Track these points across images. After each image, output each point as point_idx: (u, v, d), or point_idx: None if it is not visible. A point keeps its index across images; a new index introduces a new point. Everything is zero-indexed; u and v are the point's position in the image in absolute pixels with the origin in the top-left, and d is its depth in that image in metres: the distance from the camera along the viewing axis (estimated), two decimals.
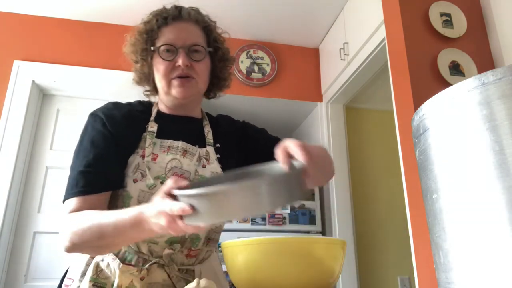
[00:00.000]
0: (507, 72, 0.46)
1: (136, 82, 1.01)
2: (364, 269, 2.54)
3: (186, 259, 0.88)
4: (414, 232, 1.47)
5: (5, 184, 2.22)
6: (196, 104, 1.02)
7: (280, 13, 2.58)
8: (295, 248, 0.66)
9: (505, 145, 0.45)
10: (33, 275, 2.24)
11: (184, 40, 0.92)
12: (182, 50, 0.91)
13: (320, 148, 0.82)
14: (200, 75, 0.94)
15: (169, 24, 0.94)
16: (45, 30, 2.56)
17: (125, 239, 0.73)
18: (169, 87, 0.92)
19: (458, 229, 0.50)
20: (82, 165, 0.83)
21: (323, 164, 0.80)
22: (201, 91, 0.99)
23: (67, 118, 2.56)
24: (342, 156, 2.69)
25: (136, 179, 0.84)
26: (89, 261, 0.84)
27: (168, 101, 0.97)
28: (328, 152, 0.88)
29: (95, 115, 0.90)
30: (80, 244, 0.75)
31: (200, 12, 1.00)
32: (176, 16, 0.94)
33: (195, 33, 0.95)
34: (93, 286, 0.80)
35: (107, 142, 0.85)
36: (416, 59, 1.56)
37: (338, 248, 0.71)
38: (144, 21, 0.96)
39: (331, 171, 0.90)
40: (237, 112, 2.99)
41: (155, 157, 0.87)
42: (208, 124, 1.02)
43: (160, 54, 0.92)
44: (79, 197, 0.80)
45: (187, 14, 0.95)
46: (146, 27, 0.94)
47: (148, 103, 1.01)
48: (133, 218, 0.68)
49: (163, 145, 0.89)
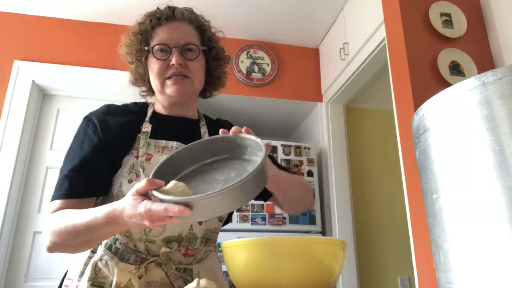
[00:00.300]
0: (507, 72, 0.46)
1: (132, 83, 1.02)
2: (364, 269, 2.54)
3: (184, 258, 0.88)
4: (414, 232, 1.47)
5: (5, 184, 2.22)
6: (192, 103, 1.02)
7: (280, 13, 2.58)
8: (295, 248, 0.66)
9: (505, 145, 0.45)
10: (33, 275, 2.24)
11: (178, 39, 0.93)
12: (176, 49, 0.92)
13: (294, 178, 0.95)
14: (195, 73, 0.95)
15: (163, 24, 0.94)
16: (45, 30, 2.56)
17: (101, 235, 0.75)
18: (163, 86, 0.93)
19: (458, 229, 0.50)
20: (68, 168, 0.85)
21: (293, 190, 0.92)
22: (197, 89, 0.99)
23: (67, 118, 2.56)
24: (342, 156, 2.69)
25: (131, 179, 0.85)
26: (87, 261, 0.84)
27: (164, 101, 0.98)
28: (305, 183, 1.00)
29: (88, 120, 0.92)
30: (58, 243, 0.77)
31: (194, 11, 1.00)
32: (169, 16, 0.95)
33: (188, 32, 0.96)
34: (91, 285, 0.80)
35: (96, 148, 0.87)
36: (416, 59, 1.56)
37: (338, 248, 0.71)
38: (138, 22, 0.97)
39: (306, 200, 0.99)
40: (237, 112, 3.00)
41: (150, 157, 0.88)
42: (205, 125, 1.02)
43: (154, 54, 0.92)
44: (62, 200, 0.82)
45: (181, 14, 0.96)
46: (140, 28, 0.95)
47: (144, 104, 1.02)
48: (106, 215, 0.69)
49: (158, 146, 0.90)
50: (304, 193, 0.98)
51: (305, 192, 0.98)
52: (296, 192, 0.95)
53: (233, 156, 0.76)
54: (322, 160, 2.76)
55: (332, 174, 2.63)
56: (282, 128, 3.39)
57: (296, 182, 0.96)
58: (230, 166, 0.74)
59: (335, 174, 2.63)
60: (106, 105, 0.97)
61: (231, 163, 0.75)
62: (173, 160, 0.74)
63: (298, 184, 0.96)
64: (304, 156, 2.66)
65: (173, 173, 0.73)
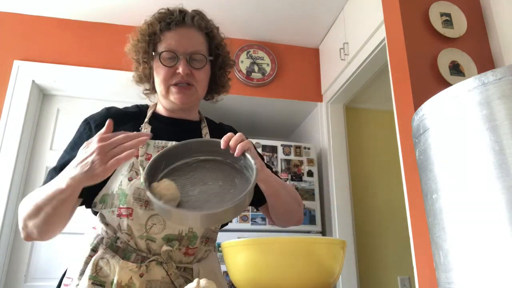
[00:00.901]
0: (507, 72, 0.46)
1: (136, 82, 1.03)
2: (364, 269, 2.54)
3: (184, 257, 0.88)
4: (414, 232, 1.47)
5: (5, 184, 2.22)
6: (194, 108, 1.03)
7: (280, 13, 2.58)
8: (295, 248, 0.66)
9: (505, 145, 0.45)
10: (33, 275, 2.24)
11: (186, 47, 0.93)
12: (183, 58, 0.92)
13: (286, 184, 0.98)
14: (200, 82, 0.96)
15: (172, 29, 0.95)
16: (45, 30, 2.56)
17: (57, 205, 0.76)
18: (168, 92, 0.95)
19: (458, 229, 0.50)
20: (56, 166, 0.88)
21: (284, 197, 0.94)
22: (200, 97, 1.01)
23: (67, 118, 2.56)
24: (342, 156, 2.69)
25: (131, 178, 0.86)
26: (87, 260, 0.84)
27: (166, 104, 1.00)
28: (297, 195, 1.02)
29: (86, 123, 0.94)
30: (27, 225, 0.80)
31: (205, 17, 1.01)
32: (179, 22, 0.95)
33: (197, 40, 0.96)
34: (92, 284, 0.80)
35: None
36: (416, 59, 1.56)
37: (338, 248, 0.71)
38: (148, 23, 0.97)
39: (296, 213, 1.00)
40: (237, 112, 3.00)
41: (149, 157, 0.88)
42: (206, 127, 1.03)
43: (161, 60, 0.93)
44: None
45: (191, 19, 0.96)
46: (149, 29, 0.95)
47: (145, 106, 1.03)
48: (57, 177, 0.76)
49: (157, 146, 0.90)
50: (294, 205, 0.98)
51: (295, 205, 0.99)
52: (287, 200, 0.96)
53: (225, 160, 0.80)
54: (322, 160, 2.76)
55: (332, 174, 2.63)
56: (282, 128, 3.39)
57: (288, 190, 0.97)
58: (220, 171, 0.78)
59: (335, 174, 2.63)
60: (106, 108, 0.98)
61: (222, 167, 0.79)
62: (171, 152, 0.78)
63: (289, 193, 0.97)
64: (304, 156, 2.66)
65: (167, 163, 0.78)
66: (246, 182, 0.75)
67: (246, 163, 0.76)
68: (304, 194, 2.55)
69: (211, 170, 0.78)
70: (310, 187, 2.58)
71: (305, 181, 2.59)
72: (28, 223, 0.80)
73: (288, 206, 0.96)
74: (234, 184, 0.74)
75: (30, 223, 0.80)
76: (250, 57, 2.80)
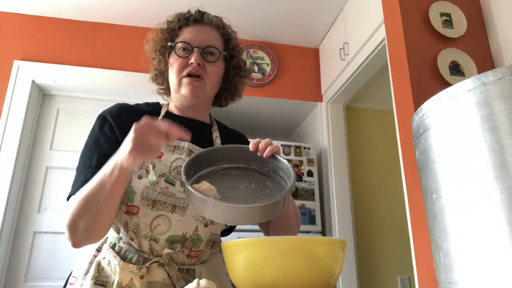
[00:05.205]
0: (507, 72, 0.46)
1: (152, 80, 1.05)
2: (364, 269, 2.54)
3: (187, 259, 0.88)
4: (414, 232, 1.47)
5: (5, 184, 2.22)
6: (204, 107, 1.04)
7: (280, 13, 2.58)
8: (295, 248, 0.66)
9: (505, 145, 0.45)
10: (33, 275, 2.24)
11: (201, 40, 0.96)
12: (197, 50, 0.94)
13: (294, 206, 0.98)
14: (210, 76, 0.96)
15: (190, 25, 0.98)
16: (45, 30, 2.56)
17: (107, 195, 0.75)
18: (180, 85, 0.95)
19: (458, 229, 0.50)
20: (84, 166, 0.86)
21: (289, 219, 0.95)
22: (209, 93, 1.00)
23: (67, 118, 2.56)
24: (342, 156, 2.69)
25: (141, 175, 0.85)
26: (92, 260, 0.85)
27: (178, 101, 1.00)
28: (299, 215, 1.03)
29: (103, 118, 0.93)
30: (77, 228, 0.78)
31: (223, 20, 1.04)
32: (197, 19, 0.99)
33: (212, 36, 0.98)
34: (94, 284, 0.81)
35: (114, 145, 0.86)
36: (416, 59, 1.56)
37: (338, 248, 0.71)
38: (168, 21, 1.00)
39: (294, 232, 1.00)
40: (237, 112, 3.00)
41: (160, 155, 0.88)
42: (217, 130, 1.04)
43: (175, 51, 0.95)
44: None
45: (209, 19, 1.00)
46: (168, 26, 0.99)
47: (155, 104, 1.03)
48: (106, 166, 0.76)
49: (169, 145, 0.91)
50: (295, 227, 0.99)
51: (296, 226, 0.99)
52: (292, 217, 0.96)
53: (250, 167, 0.81)
54: (322, 160, 2.76)
55: (332, 174, 2.63)
56: (282, 128, 3.39)
57: (294, 210, 0.97)
58: (249, 176, 0.79)
59: (335, 174, 2.63)
60: (119, 104, 0.98)
61: (249, 173, 0.80)
62: (198, 159, 0.79)
63: (294, 212, 0.98)
64: (304, 156, 2.66)
65: (195, 171, 0.78)
66: (278, 184, 0.75)
67: (274, 167, 0.76)
68: (304, 194, 2.55)
69: (239, 175, 0.79)
70: (310, 187, 2.58)
71: (305, 181, 2.59)
72: (79, 224, 0.77)
73: (291, 221, 0.96)
74: (266, 186, 0.75)
75: (81, 223, 0.77)
76: (250, 57, 2.80)
